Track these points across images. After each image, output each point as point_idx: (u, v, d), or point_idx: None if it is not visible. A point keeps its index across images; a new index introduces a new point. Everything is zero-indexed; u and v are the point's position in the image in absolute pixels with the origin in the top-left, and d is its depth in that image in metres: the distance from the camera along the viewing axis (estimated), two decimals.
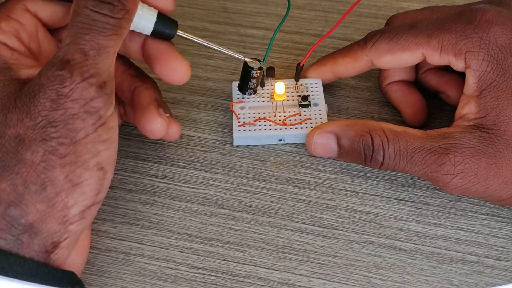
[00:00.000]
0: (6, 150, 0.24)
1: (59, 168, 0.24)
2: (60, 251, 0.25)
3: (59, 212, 0.25)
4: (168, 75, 0.31)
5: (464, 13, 0.32)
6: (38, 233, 0.24)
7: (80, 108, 0.25)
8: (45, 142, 0.24)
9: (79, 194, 0.25)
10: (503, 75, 0.30)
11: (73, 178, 0.25)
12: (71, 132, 0.25)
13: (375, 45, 0.33)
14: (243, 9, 0.45)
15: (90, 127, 0.25)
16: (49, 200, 0.24)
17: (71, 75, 0.25)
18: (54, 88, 0.25)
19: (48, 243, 0.25)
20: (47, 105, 0.24)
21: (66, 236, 0.25)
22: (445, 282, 0.30)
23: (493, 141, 0.30)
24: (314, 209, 0.33)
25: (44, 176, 0.24)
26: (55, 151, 0.24)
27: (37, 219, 0.24)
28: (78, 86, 0.25)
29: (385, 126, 0.32)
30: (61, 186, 0.25)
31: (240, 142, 0.35)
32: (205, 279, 0.30)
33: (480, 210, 0.32)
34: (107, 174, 0.26)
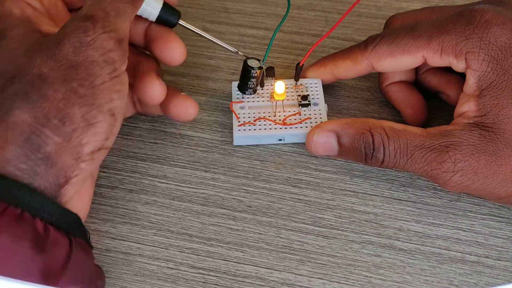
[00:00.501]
0: (30, 86, 0.26)
1: (78, 107, 0.26)
2: (69, 187, 0.27)
3: (74, 148, 0.26)
4: (165, 54, 0.33)
5: (463, 13, 0.32)
6: (53, 165, 0.26)
7: (99, 57, 0.27)
8: (67, 82, 0.26)
9: (92, 134, 0.27)
10: (503, 75, 0.30)
11: (89, 118, 0.27)
12: (90, 76, 0.27)
13: (376, 49, 0.33)
14: (243, 9, 0.45)
15: (107, 75, 0.27)
16: (67, 135, 0.26)
17: (94, 26, 0.27)
18: (77, 36, 0.27)
19: (61, 176, 0.26)
20: (70, 51, 0.27)
21: (77, 173, 0.27)
22: (445, 282, 0.30)
23: (493, 139, 0.30)
24: (314, 209, 0.33)
25: (64, 112, 0.26)
26: (76, 91, 0.26)
27: (54, 151, 0.26)
28: (99, 37, 0.27)
29: (385, 124, 0.32)
30: (78, 123, 0.26)
31: (240, 141, 0.35)
32: (205, 279, 0.30)
33: (479, 210, 0.32)
34: (117, 121, 0.28)
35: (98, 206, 0.33)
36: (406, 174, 0.34)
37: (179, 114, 0.34)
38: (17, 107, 0.26)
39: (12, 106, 0.26)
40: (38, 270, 0.24)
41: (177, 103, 0.34)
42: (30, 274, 0.24)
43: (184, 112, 0.34)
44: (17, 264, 0.24)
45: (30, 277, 0.24)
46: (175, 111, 0.34)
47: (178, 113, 0.34)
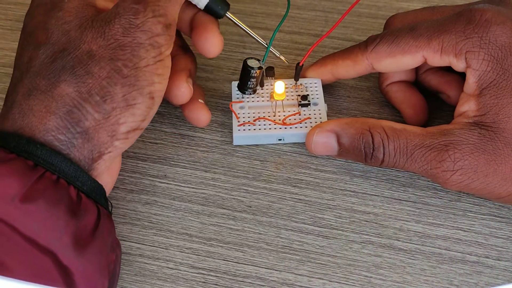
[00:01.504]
0: (78, 61, 0.27)
1: (120, 87, 0.27)
2: (101, 163, 0.28)
3: (111, 126, 0.27)
4: (202, 44, 0.33)
5: (463, 13, 0.32)
6: (90, 139, 0.27)
7: (146, 40, 0.28)
8: (112, 62, 0.27)
9: (130, 114, 0.28)
10: (503, 74, 0.30)
11: (129, 98, 0.28)
12: (135, 58, 0.28)
13: (376, 49, 0.33)
14: (243, 9, 0.45)
15: (152, 59, 0.28)
16: (106, 112, 0.27)
17: (144, 9, 0.28)
18: (127, 18, 0.28)
19: (95, 151, 0.27)
20: (119, 31, 0.28)
21: (110, 150, 0.28)
22: (445, 282, 0.30)
23: (493, 138, 0.30)
24: (314, 209, 0.33)
25: (106, 90, 0.27)
26: (120, 71, 0.27)
27: (92, 127, 0.27)
28: (148, 20, 0.28)
29: (385, 123, 0.32)
30: (118, 103, 0.27)
31: (240, 141, 0.35)
32: (205, 279, 0.30)
33: (479, 210, 0.32)
34: (155, 104, 0.29)
35: None
36: (406, 174, 0.34)
37: (192, 119, 0.35)
38: (63, 80, 0.27)
39: (59, 79, 0.27)
40: (71, 234, 0.25)
41: (192, 109, 0.35)
42: (64, 236, 0.25)
43: (197, 119, 0.35)
44: (53, 226, 0.25)
45: (63, 239, 0.25)
46: (188, 115, 0.35)
47: (190, 118, 0.35)
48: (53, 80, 0.27)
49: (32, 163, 0.26)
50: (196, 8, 0.34)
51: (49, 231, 0.25)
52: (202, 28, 0.33)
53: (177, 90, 0.33)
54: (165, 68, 0.29)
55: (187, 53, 0.36)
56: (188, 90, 0.33)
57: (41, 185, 0.25)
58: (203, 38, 0.33)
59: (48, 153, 0.26)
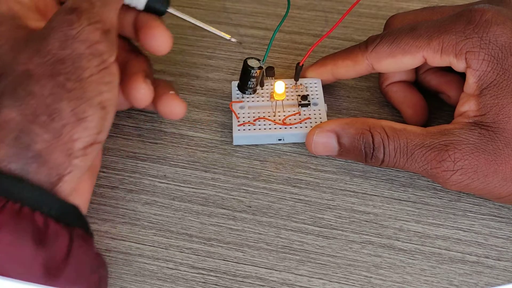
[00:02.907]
0: (17, 83, 0.26)
1: (66, 102, 0.26)
2: (64, 185, 0.26)
3: (65, 144, 0.26)
4: (150, 42, 0.32)
5: (463, 13, 0.32)
6: (45, 163, 0.25)
7: (86, 49, 0.27)
8: (54, 77, 0.26)
9: (83, 129, 0.26)
10: (503, 74, 0.30)
11: (78, 112, 0.26)
12: (77, 69, 0.26)
13: (376, 49, 0.33)
14: (243, 9, 0.45)
15: (95, 68, 0.27)
16: (56, 131, 0.26)
17: (79, 18, 0.27)
18: (63, 30, 0.27)
19: (53, 174, 0.26)
20: (56, 45, 0.26)
21: (70, 170, 0.26)
22: (445, 282, 0.30)
23: (493, 138, 0.30)
24: (313, 209, 0.33)
25: (52, 107, 0.26)
26: (63, 85, 0.26)
27: (45, 149, 0.25)
28: (85, 29, 0.27)
29: (385, 123, 0.32)
30: (67, 119, 0.26)
31: (240, 141, 0.35)
32: (205, 279, 0.30)
33: (479, 210, 0.32)
34: (108, 114, 0.28)
35: (98, 206, 0.33)
36: (406, 174, 0.34)
37: (167, 113, 0.34)
38: (5, 105, 0.25)
39: (1, 105, 0.26)
40: (41, 264, 0.24)
41: (165, 103, 0.33)
42: (33, 268, 0.24)
43: (171, 111, 0.34)
44: (19, 259, 0.23)
45: (32, 271, 0.24)
46: (162, 110, 0.34)
47: (165, 112, 0.34)
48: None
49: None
50: (136, 11, 0.33)
51: (17, 265, 0.23)
52: (146, 28, 0.32)
53: (136, 93, 0.32)
54: (112, 75, 0.28)
55: (139, 56, 0.35)
56: (148, 90, 0.32)
57: (3, 217, 0.24)
58: (150, 36, 0.32)
59: (6, 182, 0.25)
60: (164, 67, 0.40)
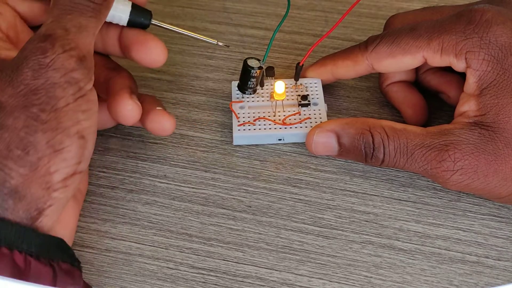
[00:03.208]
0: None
1: (41, 134, 0.25)
2: (44, 219, 0.25)
3: (42, 178, 0.25)
4: (145, 56, 0.32)
5: (463, 13, 0.32)
6: (22, 198, 0.25)
7: (61, 78, 0.26)
8: (27, 109, 0.25)
9: (60, 160, 0.25)
10: (503, 74, 0.30)
11: (55, 143, 0.25)
12: (52, 99, 0.25)
13: (376, 49, 0.33)
14: (243, 9, 0.45)
15: (71, 96, 0.26)
16: (32, 164, 0.25)
17: (52, 46, 0.26)
18: (36, 59, 0.25)
19: (32, 209, 0.25)
20: (29, 75, 0.25)
21: (50, 203, 0.25)
22: (445, 282, 0.30)
23: (493, 138, 0.30)
24: (313, 209, 0.33)
25: (26, 141, 0.25)
26: (37, 117, 0.25)
27: (21, 184, 0.25)
28: (59, 57, 0.26)
29: (385, 123, 0.32)
30: (43, 151, 0.25)
31: (240, 141, 0.35)
32: (205, 279, 0.30)
33: (479, 210, 0.32)
34: (88, 143, 0.27)
35: (99, 206, 0.33)
36: (406, 174, 0.34)
37: (155, 129, 0.33)
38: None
39: None
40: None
41: (152, 119, 0.32)
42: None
43: (160, 128, 0.32)
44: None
45: None
46: (151, 126, 0.32)
47: (154, 128, 0.33)
48: None
49: None
50: (119, 26, 0.32)
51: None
52: (139, 43, 0.31)
53: (124, 110, 0.31)
54: (90, 102, 0.27)
55: (121, 72, 0.33)
56: (136, 107, 0.31)
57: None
58: (145, 51, 0.31)
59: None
60: (164, 67, 0.40)
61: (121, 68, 0.34)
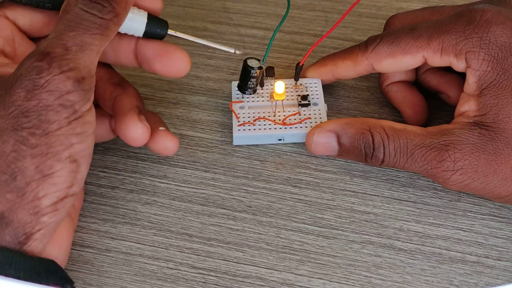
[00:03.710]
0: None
1: (30, 159, 0.24)
2: (34, 243, 0.25)
3: (30, 203, 0.24)
4: (171, 69, 0.31)
5: (463, 13, 0.32)
6: (9, 223, 0.24)
7: (54, 100, 0.25)
8: (16, 132, 0.24)
9: (50, 185, 0.25)
10: (503, 74, 0.30)
11: (44, 169, 0.25)
12: (43, 123, 0.24)
13: (376, 49, 0.33)
14: (243, 9, 0.45)
15: (64, 120, 0.25)
16: (19, 190, 0.24)
17: (49, 66, 0.25)
18: (30, 78, 0.24)
19: (19, 234, 0.24)
20: (21, 95, 0.24)
21: (39, 227, 0.25)
22: (445, 282, 0.30)
23: (493, 138, 0.30)
24: (314, 209, 0.33)
25: (14, 166, 0.24)
26: (26, 141, 0.24)
27: (8, 209, 0.24)
28: (54, 78, 0.25)
29: (385, 123, 0.32)
30: (31, 177, 0.24)
31: (240, 141, 0.35)
32: (205, 279, 0.30)
33: (480, 210, 0.32)
34: (81, 167, 0.26)
35: (99, 206, 0.33)
36: (406, 174, 0.34)
37: (158, 150, 0.32)
38: None
39: None
40: None
41: (156, 140, 0.31)
42: None
43: (164, 149, 0.32)
44: None
45: None
46: (154, 147, 0.32)
47: (156, 149, 0.32)
48: None
49: None
50: (134, 38, 0.31)
51: None
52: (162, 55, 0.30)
53: (134, 133, 0.30)
54: (85, 125, 0.26)
55: (128, 89, 0.32)
56: (145, 129, 0.30)
57: None
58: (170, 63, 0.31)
59: None
60: None
61: (127, 83, 0.33)
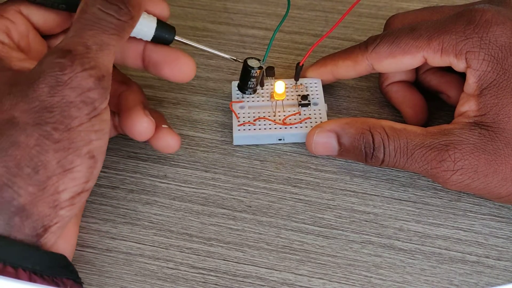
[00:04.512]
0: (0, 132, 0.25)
1: (52, 153, 0.25)
2: (49, 236, 0.25)
3: (50, 196, 0.25)
4: (178, 74, 0.32)
5: (463, 13, 0.32)
6: (29, 216, 0.24)
7: (77, 97, 0.25)
8: (40, 127, 0.25)
9: (69, 180, 0.25)
10: (503, 74, 0.30)
11: (65, 163, 0.25)
12: (66, 119, 0.25)
13: (376, 49, 0.33)
14: (243, 10, 0.45)
15: (85, 116, 0.26)
16: (41, 183, 0.25)
17: (72, 63, 0.25)
18: (54, 75, 0.25)
19: (38, 227, 0.25)
20: (45, 91, 0.25)
21: (56, 221, 0.25)
22: (445, 282, 0.30)
23: (493, 138, 0.30)
24: (314, 209, 0.33)
25: (37, 159, 0.24)
26: (50, 136, 0.25)
27: (29, 202, 0.24)
28: (77, 75, 0.25)
29: (385, 123, 0.32)
30: (53, 171, 0.25)
31: (240, 141, 0.36)
32: (205, 279, 0.30)
33: (480, 210, 0.32)
34: (97, 163, 0.27)
35: (99, 206, 0.33)
36: (406, 174, 0.34)
37: (160, 148, 0.33)
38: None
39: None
40: None
41: (158, 137, 0.32)
42: None
43: (166, 146, 0.32)
44: None
45: None
46: (156, 144, 0.32)
47: (159, 146, 0.33)
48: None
49: None
50: (142, 42, 0.32)
51: None
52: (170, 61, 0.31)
53: (139, 127, 0.31)
54: (103, 122, 0.27)
55: (132, 86, 0.33)
56: (151, 123, 0.31)
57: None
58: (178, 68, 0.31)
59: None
60: None
61: (131, 81, 0.34)
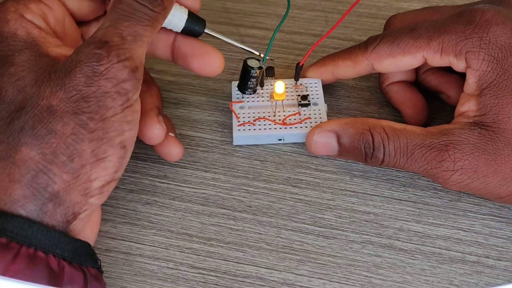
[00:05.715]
0: (38, 119, 0.25)
1: (87, 142, 0.25)
2: (78, 223, 0.26)
3: (82, 184, 0.25)
4: (206, 68, 0.32)
5: (463, 13, 0.32)
6: (62, 203, 0.25)
7: (112, 88, 0.26)
8: (76, 116, 0.25)
9: (101, 169, 0.26)
10: (503, 74, 0.30)
11: (99, 153, 0.26)
12: (101, 109, 0.26)
13: (376, 49, 0.33)
14: (243, 9, 0.45)
15: (119, 107, 0.26)
16: (75, 171, 0.25)
17: (108, 54, 0.26)
18: (90, 65, 0.26)
19: (69, 213, 0.25)
20: (82, 80, 0.25)
21: (86, 208, 0.26)
22: (445, 282, 0.30)
23: (493, 138, 0.30)
24: (314, 209, 0.33)
25: (72, 148, 0.25)
26: (85, 125, 0.25)
27: (62, 189, 0.25)
28: (113, 66, 0.26)
29: (385, 123, 0.32)
30: (87, 159, 0.25)
31: (240, 141, 0.35)
32: (205, 279, 0.30)
33: (480, 210, 0.32)
34: (127, 153, 0.27)
35: None
36: (406, 174, 0.34)
37: (163, 154, 0.33)
38: (24, 143, 0.25)
39: (19, 142, 0.25)
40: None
41: (163, 144, 0.33)
42: None
43: (169, 154, 0.33)
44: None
45: None
46: (159, 150, 0.33)
47: (162, 153, 0.33)
48: (12, 144, 0.25)
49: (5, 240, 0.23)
50: (173, 33, 0.32)
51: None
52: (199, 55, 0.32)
53: (150, 132, 0.31)
54: (135, 113, 0.27)
55: (152, 87, 0.34)
56: (162, 130, 0.31)
57: (17, 265, 0.23)
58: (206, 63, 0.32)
59: (20, 225, 0.24)
60: (165, 67, 0.40)
61: (152, 81, 0.34)
